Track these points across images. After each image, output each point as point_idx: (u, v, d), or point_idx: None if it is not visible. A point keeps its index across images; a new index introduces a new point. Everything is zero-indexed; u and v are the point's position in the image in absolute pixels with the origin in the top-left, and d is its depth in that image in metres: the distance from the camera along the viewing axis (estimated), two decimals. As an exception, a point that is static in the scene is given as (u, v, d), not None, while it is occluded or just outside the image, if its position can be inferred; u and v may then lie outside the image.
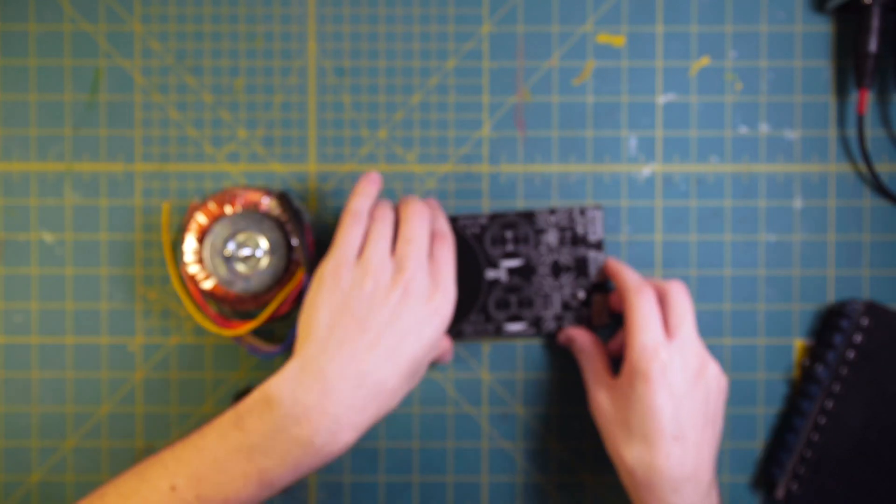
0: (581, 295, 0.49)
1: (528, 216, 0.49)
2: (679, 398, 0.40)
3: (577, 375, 0.50)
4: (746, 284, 0.50)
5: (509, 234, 0.49)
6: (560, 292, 0.49)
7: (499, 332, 0.49)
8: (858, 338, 0.48)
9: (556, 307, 0.49)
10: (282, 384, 0.38)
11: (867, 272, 0.50)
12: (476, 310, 0.49)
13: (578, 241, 0.49)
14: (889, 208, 0.50)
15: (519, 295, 0.49)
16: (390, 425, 0.51)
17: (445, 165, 0.50)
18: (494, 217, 0.49)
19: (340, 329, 0.39)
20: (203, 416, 0.50)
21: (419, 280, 0.40)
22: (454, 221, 0.49)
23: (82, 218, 0.50)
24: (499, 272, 0.49)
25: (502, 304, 0.49)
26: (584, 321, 0.49)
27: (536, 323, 0.49)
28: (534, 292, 0.49)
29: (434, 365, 0.50)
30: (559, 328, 0.49)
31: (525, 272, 0.49)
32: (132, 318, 0.50)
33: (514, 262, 0.49)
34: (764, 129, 0.50)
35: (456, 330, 0.49)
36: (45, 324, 0.50)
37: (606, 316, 0.49)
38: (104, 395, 0.50)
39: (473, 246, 0.49)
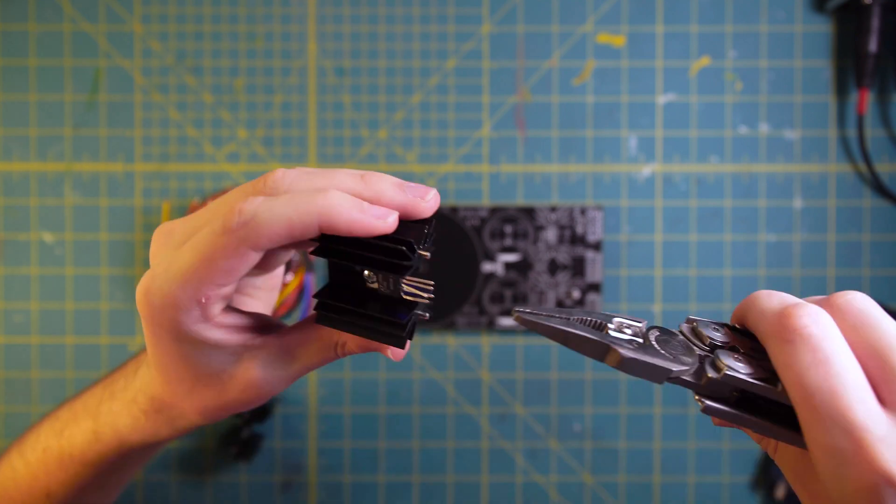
0: (576, 294, 0.49)
1: (529, 211, 0.49)
2: None
3: (577, 375, 0.50)
4: (746, 284, 0.50)
5: (509, 229, 0.49)
6: (555, 290, 0.49)
7: (491, 326, 0.49)
8: (858, 338, 0.48)
9: (550, 305, 0.49)
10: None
11: (867, 272, 0.50)
12: (470, 302, 0.49)
13: (577, 240, 0.49)
14: (889, 208, 0.50)
15: (514, 290, 0.49)
16: (390, 425, 0.51)
17: (445, 165, 0.50)
18: (495, 210, 0.49)
19: None
20: (203, 416, 0.50)
21: None
22: (454, 212, 0.49)
23: (82, 218, 0.50)
24: (495, 265, 0.49)
25: (497, 298, 0.49)
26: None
27: None
28: (529, 288, 0.49)
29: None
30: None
31: (522, 268, 0.49)
32: (132, 318, 0.50)
33: (511, 257, 0.49)
34: (764, 129, 0.50)
35: (448, 321, 0.49)
36: (45, 324, 0.50)
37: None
38: (104, 395, 0.50)
39: (471, 238, 0.49)
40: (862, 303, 0.24)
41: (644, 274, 0.50)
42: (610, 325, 0.26)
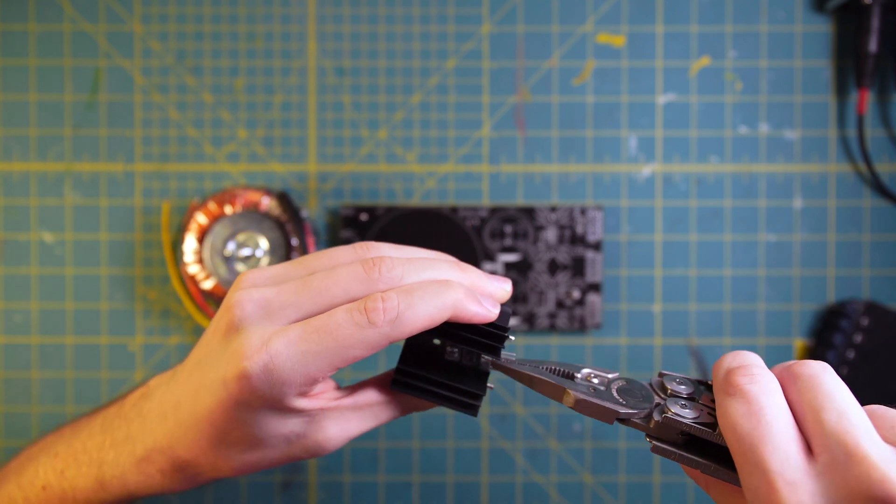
0: (576, 294, 0.49)
1: (529, 211, 0.49)
2: None
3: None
4: (746, 284, 0.50)
5: (509, 229, 0.49)
6: (555, 290, 0.49)
7: None
8: (858, 338, 0.48)
9: (550, 305, 0.49)
10: (159, 378, 0.34)
11: (867, 272, 0.50)
12: None
13: (577, 240, 0.49)
14: (889, 208, 0.50)
15: (514, 290, 0.49)
16: (390, 425, 0.50)
17: (445, 165, 0.50)
18: (495, 210, 0.49)
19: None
20: (203, 416, 0.50)
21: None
22: (454, 212, 0.49)
23: (82, 218, 0.50)
24: (495, 265, 0.49)
25: None
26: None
27: (529, 319, 0.49)
28: (529, 288, 0.49)
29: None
30: None
31: (522, 268, 0.49)
32: (132, 318, 0.50)
33: (511, 257, 0.49)
34: (764, 129, 0.50)
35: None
36: (45, 324, 0.50)
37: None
38: (104, 395, 0.50)
39: (472, 238, 0.49)
40: (813, 369, 0.26)
41: (644, 274, 0.50)
42: (578, 375, 0.30)
